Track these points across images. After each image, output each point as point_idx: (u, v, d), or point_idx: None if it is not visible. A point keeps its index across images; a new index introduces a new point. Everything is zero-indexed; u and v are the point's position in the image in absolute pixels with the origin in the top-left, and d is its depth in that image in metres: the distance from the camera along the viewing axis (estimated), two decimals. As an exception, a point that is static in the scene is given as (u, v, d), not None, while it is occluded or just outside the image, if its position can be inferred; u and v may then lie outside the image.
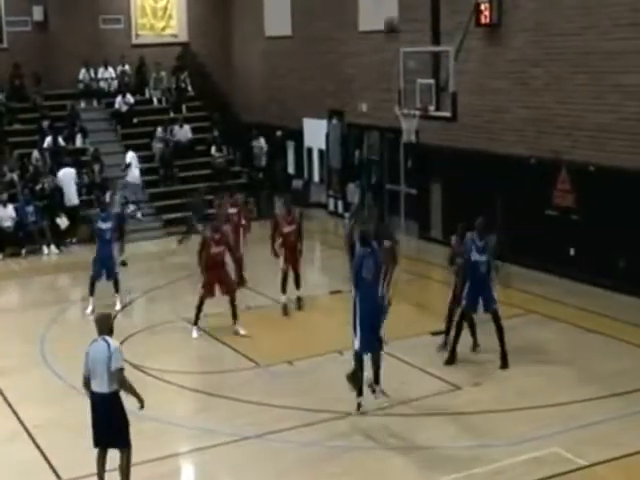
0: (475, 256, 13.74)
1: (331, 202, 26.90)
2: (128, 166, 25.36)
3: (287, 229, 17.42)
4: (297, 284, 17.58)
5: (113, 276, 17.60)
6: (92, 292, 17.40)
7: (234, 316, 15.98)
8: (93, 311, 16.45)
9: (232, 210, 18.87)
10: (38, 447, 11.72)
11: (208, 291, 15.95)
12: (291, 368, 14.24)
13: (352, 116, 25.62)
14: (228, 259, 16.58)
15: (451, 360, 13.92)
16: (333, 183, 26.76)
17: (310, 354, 14.71)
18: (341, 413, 12.29)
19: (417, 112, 21.67)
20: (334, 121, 26.41)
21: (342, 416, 12.21)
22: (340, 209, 26.29)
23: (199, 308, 15.98)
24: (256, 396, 12.97)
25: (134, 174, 25.41)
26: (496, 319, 13.89)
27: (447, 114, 21.33)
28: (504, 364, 13.80)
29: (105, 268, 17.57)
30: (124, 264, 20.46)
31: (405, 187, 23.83)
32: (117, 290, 17.62)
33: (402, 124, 22.14)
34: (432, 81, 21.64)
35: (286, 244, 17.32)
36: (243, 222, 19.04)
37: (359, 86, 25.28)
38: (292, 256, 17.40)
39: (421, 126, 21.93)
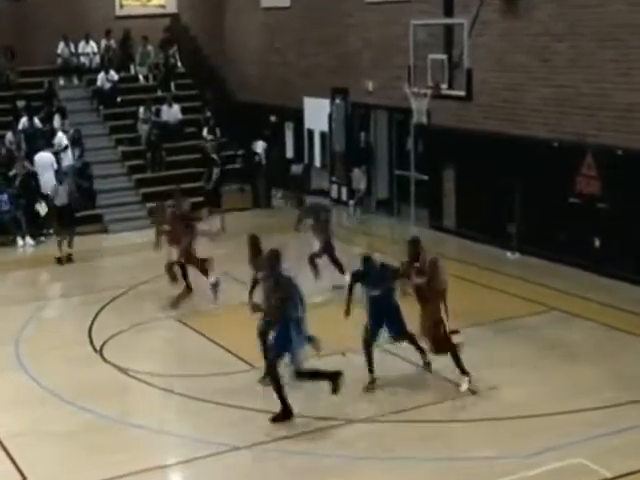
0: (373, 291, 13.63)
1: (334, 189, 26.93)
2: (66, 148, 25.29)
3: None
4: None
5: None
6: None
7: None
8: None
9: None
10: (11, 459, 11.70)
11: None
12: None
13: (357, 95, 25.63)
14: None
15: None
16: (336, 168, 26.79)
17: (310, 356, 14.71)
18: (343, 420, 12.35)
19: (428, 91, 21.82)
20: (337, 100, 26.43)
21: (344, 423, 12.29)
22: (344, 197, 26.31)
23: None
24: (250, 402, 13.00)
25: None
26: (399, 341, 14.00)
27: (461, 93, 21.47)
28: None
29: None
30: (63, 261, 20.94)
31: (415, 173, 23.85)
32: None
33: (412, 104, 22.27)
34: (445, 57, 21.77)
35: None
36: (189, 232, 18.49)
37: (365, 62, 25.29)
38: None
39: (433, 106, 22.05)
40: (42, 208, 23.76)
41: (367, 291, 13.68)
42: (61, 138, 25.44)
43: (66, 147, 25.22)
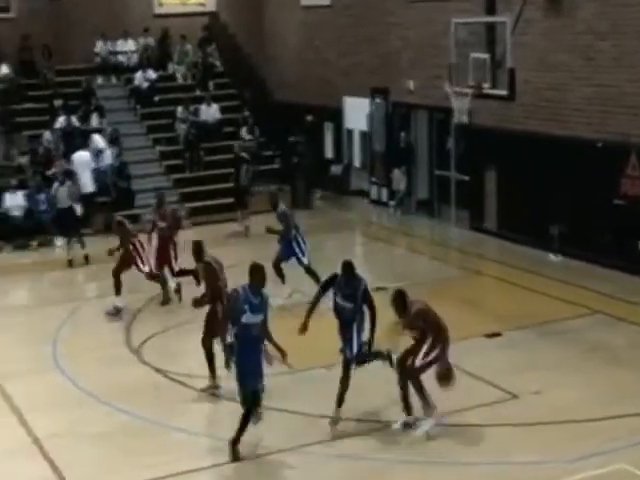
0: (340, 301, 12.55)
1: (374, 190, 26.89)
2: (101, 152, 25.33)
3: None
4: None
5: None
6: None
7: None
8: None
9: (161, 223, 18.60)
10: (49, 460, 11.79)
11: None
12: (328, 374, 14.16)
13: (398, 94, 25.58)
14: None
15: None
16: (376, 169, 26.75)
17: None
18: (383, 423, 12.35)
19: (470, 90, 21.72)
20: (378, 100, 26.40)
21: (384, 427, 12.27)
22: (384, 197, 26.28)
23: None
24: (290, 404, 13.03)
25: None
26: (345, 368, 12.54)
27: (503, 92, 21.36)
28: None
29: None
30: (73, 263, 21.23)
31: (456, 173, 23.77)
32: None
33: (453, 103, 22.20)
34: (487, 56, 21.67)
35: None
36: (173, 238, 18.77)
37: (406, 61, 25.23)
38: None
39: (474, 106, 21.96)
40: (79, 208, 23.83)
41: (337, 302, 12.55)
42: (97, 141, 25.52)
43: (101, 150, 25.29)
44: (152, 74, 29.05)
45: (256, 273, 11.85)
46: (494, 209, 22.64)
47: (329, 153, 28.92)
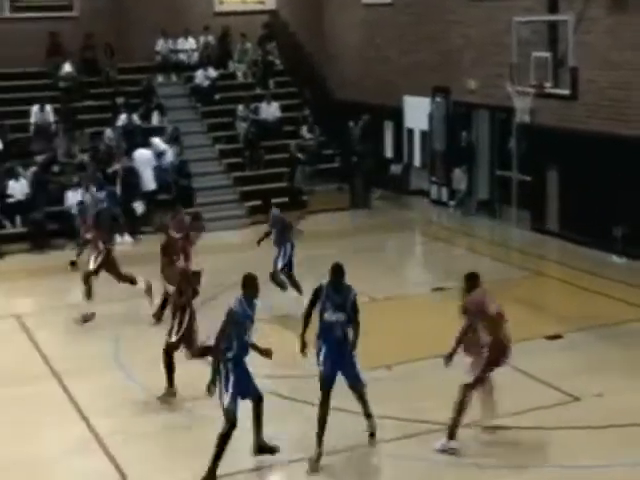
0: (330, 316, 11.57)
1: (434, 189, 26.93)
2: (162, 154, 25.48)
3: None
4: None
5: None
6: None
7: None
8: None
9: (177, 235, 17.65)
10: (110, 457, 11.95)
11: None
12: (390, 373, 14.36)
13: (459, 93, 25.59)
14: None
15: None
16: (437, 168, 26.77)
17: (410, 358, 14.80)
18: (443, 425, 12.27)
19: (532, 89, 21.69)
20: (438, 99, 26.41)
21: (444, 428, 12.16)
22: (444, 197, 26.31)
23: None
24: (349, 403, 13.04)
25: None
26: (361, 398, 12.07)
27: (566, 91, 21.32)
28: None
29: None
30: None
31: (517, 173, 23.73)
32: None
33: (515, 102, 22.16)
34: (549, 54, 21.63)
35: None
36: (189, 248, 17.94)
37: (467, 60, 25.22)
38: None
39: (536, 105, 21.92)
40: (139, 207, 24.15)
41: (325, 314, 11.54)
42: (157, 144, 25.66)
43: (162, 152, 25.50)
44: (212, 72, 29.22)
45: (250, 284, 11.61)
46: (556, 210, 22.56)
47: (389, 152, 28.97)
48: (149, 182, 24.55)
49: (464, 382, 11.58)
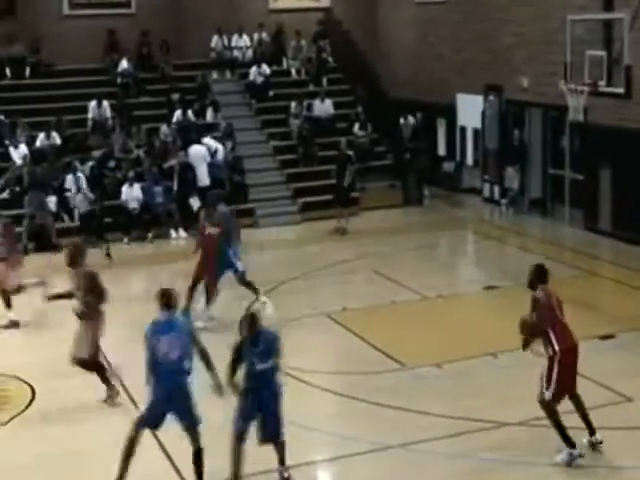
0: (255, 366, 10.63)
1: (486, 187, 26.81)
2: (215, 153, 25.46)
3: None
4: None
5: None
6: None
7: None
8: None
9: (212, 230, 17.03)
10: (164, 450, 11.97)
11: None
12: (439, 371, 14.33)
13: (511, 91, 25.44)
14: None
15: None
16: (489, 166, 26.66)
17: (461, 356, 14.77)
18: (495, 423, 12.33)
19: (585, 88, 21.51)
20: (491, 97, 26.30)
21: (496, 426, 12.26)
22: (496, 195, 26.19)
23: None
24: (400, 401, 13.10)
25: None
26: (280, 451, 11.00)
27: (620, 90, 21.10)
28: None
29: None
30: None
31: (570, 172, 23.57)
32: None
33: (568, 101, 22.00)
34: (603, 53, 21.45)
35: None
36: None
37: (520, 58, 25.06)
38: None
39: (590, 103, 21.72)
40: (195, 202, 24.26)
41: (249, 365, 10.62)
42: (209, 144, 25.53)
43: (216, 151, 25.52)
44: (266, 69, 29.28)
45: (165, 298, 10.78)
46: (608, 209, 22.35)
47: (441, 150, 28.89)
48: (203, 178, 24.61)
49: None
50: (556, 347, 11.12)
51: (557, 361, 11.09)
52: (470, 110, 27.06)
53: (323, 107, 28.15)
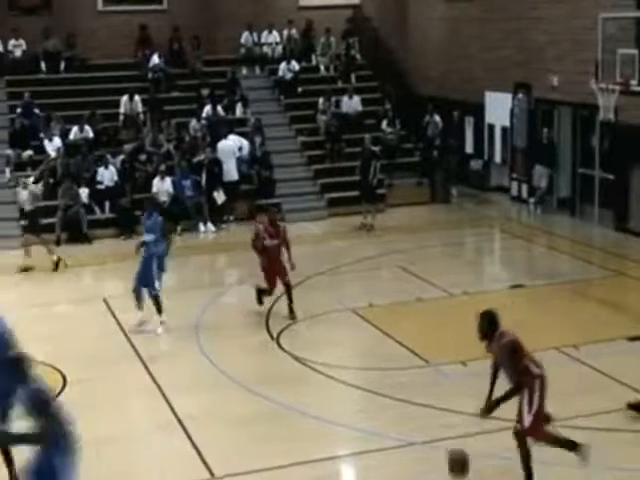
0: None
1: (514, 186, 26.51)
2: (241, 149, 25.43)
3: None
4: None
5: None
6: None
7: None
8: None
9: (270, 242, 16.88)
10: (191, 439, 12.06)
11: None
12: (464, 369, 14.19)
13: (541, 90, 25.15)
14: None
15: None
16: (517, 165, 26.38)
17: (486, 354, 14.55)
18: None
19: (617, 87, 21.22)
20: (520, 95, 26.03)
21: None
22: (524, 194, 25.89)
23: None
24: (425, 398, 12.99)
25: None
26: None
27: (652, 89, 20.81)
28: None
29: None
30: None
31: (600, 172, 23.27)
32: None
33: (599, 100, 21.70)
34: (636, 51, 21.14)
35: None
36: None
37: (550, 56, 24.77)
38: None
39: (621, 103, 21.43)
40: (219, 196, 24.27)
41: None
42: (234, 141, 25.43)
43: (241, 148, 25.36)
44: (295, 65, 29.20)
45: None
46: (639, 209, 22.08)
47: (469, 148, 28.64)
48: (232, 173, 24.64)
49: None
50: (536, 371, 10.68)
51: (539, 384, 10.58)
52: (499, 108, 26.77)
53: (351, 104, 28.04)
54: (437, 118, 27.79)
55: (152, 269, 16.05)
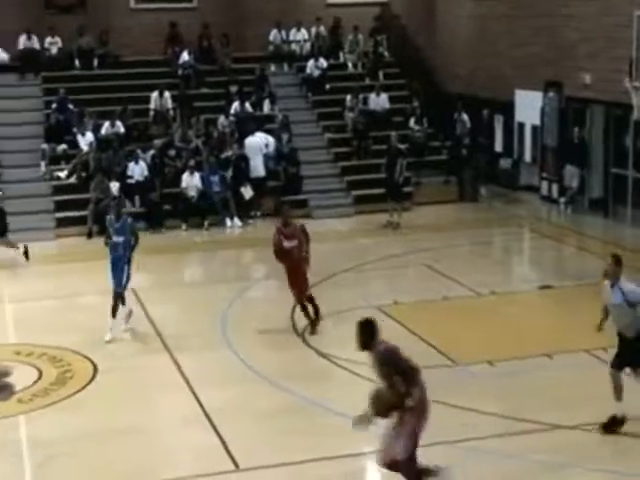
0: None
1: (544, 185, 26.18)
2: (267, 146, 25.47)
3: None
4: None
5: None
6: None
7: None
8: None
9: (288, 244, 15.97)
10: (217, 432, 12.04)
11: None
12: (492, 369, 14.02)
13: (572, 88, 24.82)
14: None
15: None
16: (547, 164, 26.05)
17: (514, 355, 14.40)
18: (546, 425, 11.95)
19: (651, 86, 20.94)
20: (551, 93, 25.71)
21: (547, 428, 11.88)
22: (555, 194, 25.55)
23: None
24: (451, 397, 12.74)
25: None
26: None
27: (686, 88, 20.49)
28: None
29: None
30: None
31: (634, 172, 22.91)
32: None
33: (633, 99, 21.40)
34: (670, 49, 20.85)
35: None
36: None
37: (582, 54, 24.43)
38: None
39: (655, 102, 21.16)
40: (247, 192, 24.24)
41: None
42: (260, 137, 25.46)
43: (267, 145, 25.35)
44: (323, 63, 29.11)
45: None
46: (673, 210, 21.77)
47: (499, 147, 28.34)
48: (259, 169, 24.69)
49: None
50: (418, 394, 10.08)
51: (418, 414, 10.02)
52: (529, 106, 26.46)
53: (379, 101, 27.90)
54: (465, 117, 27.52)
55: (122, 269, 15.74)
